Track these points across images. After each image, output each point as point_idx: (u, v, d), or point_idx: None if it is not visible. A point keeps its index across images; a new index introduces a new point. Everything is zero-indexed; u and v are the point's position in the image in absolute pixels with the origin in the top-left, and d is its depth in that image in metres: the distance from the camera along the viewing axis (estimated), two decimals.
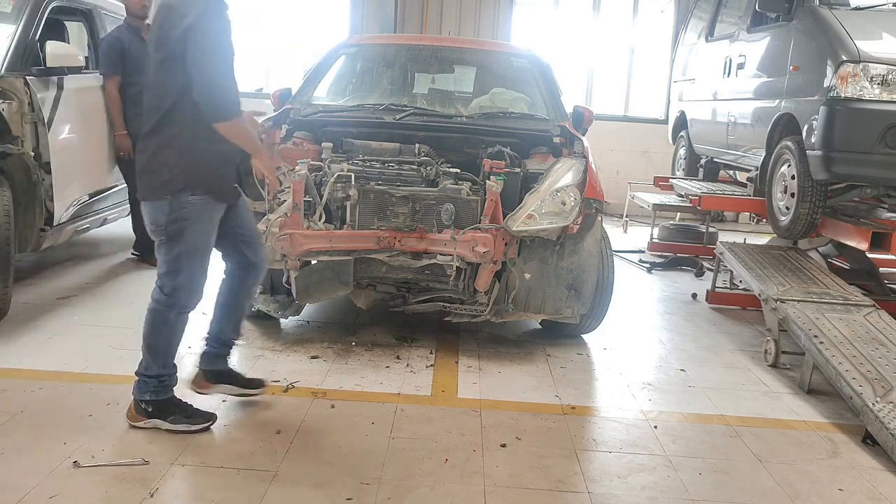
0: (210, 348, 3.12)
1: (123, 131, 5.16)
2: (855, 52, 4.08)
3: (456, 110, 4.53)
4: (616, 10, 9.61)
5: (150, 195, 2.67)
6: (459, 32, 9.11)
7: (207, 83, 2.53)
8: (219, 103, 2.56)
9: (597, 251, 3.89)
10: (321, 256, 3.67)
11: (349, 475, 2.60)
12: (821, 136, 4.19)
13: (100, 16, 5.43)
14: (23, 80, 4.14)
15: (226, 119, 2.58)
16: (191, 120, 2.58)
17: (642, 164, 9.34)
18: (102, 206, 5.21)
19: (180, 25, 2.48)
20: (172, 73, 2.54)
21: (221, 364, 3.14)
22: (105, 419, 2.90)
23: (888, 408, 3.08)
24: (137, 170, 2.72)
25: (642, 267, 6.51)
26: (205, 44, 2.51)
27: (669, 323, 4.86)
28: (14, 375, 3.27)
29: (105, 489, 2.41)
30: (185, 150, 2.62)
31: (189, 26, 2.48)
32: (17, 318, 4.01)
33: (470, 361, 3.83)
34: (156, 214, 2.67)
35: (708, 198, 5.73)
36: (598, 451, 2.95)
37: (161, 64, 2.57)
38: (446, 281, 3.72)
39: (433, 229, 3.67)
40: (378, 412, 3.13)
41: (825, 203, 4.53)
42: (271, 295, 3.96)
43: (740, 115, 5.58)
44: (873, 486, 2.78)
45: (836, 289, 4.31)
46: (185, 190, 2.63)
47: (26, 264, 5.13)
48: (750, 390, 3.69)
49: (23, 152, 4.07)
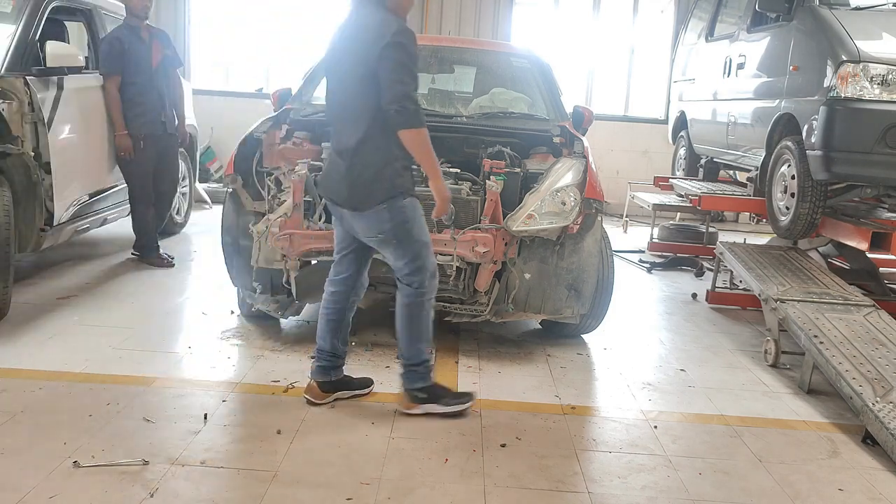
0: (325, 363, 3.17)
1: (124, 131, 5.17)
2: (855, 52, 4.08)
3: (456, 110, 4.53)
4: (616, 10, 9.61)
5: (366, 206, 2.85)
6: (459, 32, 9.11)
7: (399, 93, 2.73)
8: (408, 112, 2.75)
9: (597, 251, 3.89)
10: (321, 256, 3.67)
11: (349, 475, 2.60)
12: (821, 136, 4.19)
13: (100, 16, 5.43)
14: (23, 80, 4.14)
15: (413, 127, 2.78)
16: (388, 131, 2.79)
17: (642, 164, 9.34)
18: (102, 206, 5.22)
19: (379, 44, 2.71)
20: (372, 90, 2.75)
21: (337, 374, 3.21)
22: (105, 419, 2.90)
23: (888, 408, 3.08)
24: (348, 184, 2.86)
25: (642, 267, 6.51)
26: (399, 60, 2.73)
27: (669, 323, 4.86)
28: (14, 375, 3.28)
29: (105, 489, 2.41)
30: (391, 159, 2.83)
31: (387, 44, 2.71)
32: (17, 318, 4.01)
33: (470, 361, 3.83)
34: (378, 223, 2.87)
35: (708, 198, 5.73)
36: (598, 451, 2.95)
37: (361, 80, 2.78)
38: (446, 281, 3.72)
39: (433, 229, 3.67)
40: (378, 412, 3.13)
41: (825, 203, 4.53)
42: (271, 295, 3.96)
43: (740, 115, 5.58)
44: (873, 486, 2.78)
45: (836, 289, 4.31)
46: (397, 196, 2.85)
47: (26, 264, 5.13)
48: (750, 390, 3.69)
49: (23, 152, 4.07)
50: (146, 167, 5.33)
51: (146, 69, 5.22)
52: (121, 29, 5.21)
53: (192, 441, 2.77)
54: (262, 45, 9.59)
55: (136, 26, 5.23)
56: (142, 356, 3.61)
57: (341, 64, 2.89)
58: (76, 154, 4.79)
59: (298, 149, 4.00)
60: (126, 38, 5.13)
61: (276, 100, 4.74)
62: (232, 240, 3.97)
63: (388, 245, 2.93)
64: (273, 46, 9.56)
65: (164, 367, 3.50)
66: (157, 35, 5.42)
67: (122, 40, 5.12)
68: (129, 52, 5.12)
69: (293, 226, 3.59)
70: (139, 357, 3.60)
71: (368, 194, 2.85)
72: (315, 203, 3.72)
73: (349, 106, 2.86)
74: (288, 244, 3.56)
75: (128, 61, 5.13)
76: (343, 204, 2.92)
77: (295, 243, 3.56)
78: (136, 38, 5.20)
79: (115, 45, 5.09)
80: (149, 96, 5.25)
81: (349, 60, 2.83)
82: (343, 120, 2.90)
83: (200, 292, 4.80)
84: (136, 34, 5.20)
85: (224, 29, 9.72)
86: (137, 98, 5.20)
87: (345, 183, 2.88)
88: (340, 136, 2.92)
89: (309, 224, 3.64)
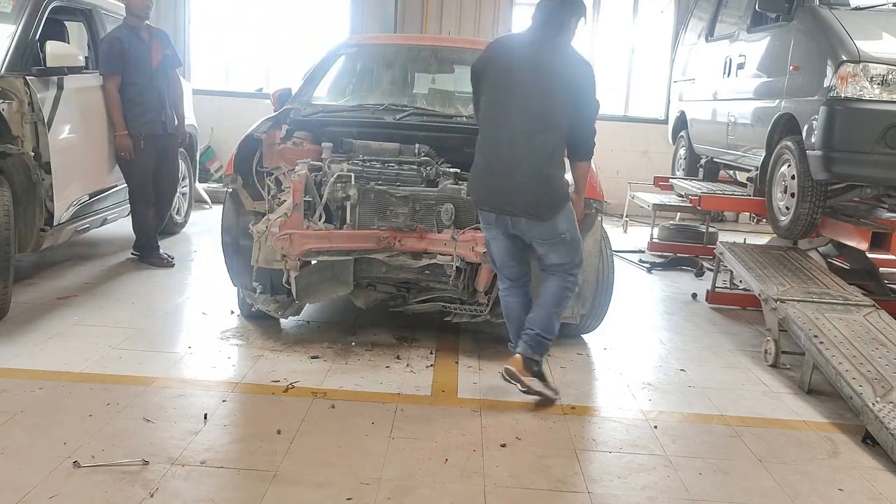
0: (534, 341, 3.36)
1: (124, 131, 5.17)
2: (855, 52, 4.08)
3: (456, 110, 4.53)
4: (616, 10, 9.61)
5: (553, 213, 3.21)
6: (459, 32, 9.11)
7: (592, 133, 3.30)
8: (591, 150, 3.34)
9: (597, 251, 3.88)
10: (321, 256, 3.67)
11: (349, 475, 2.60)
12: (821, 136, 4.19)
13: (100, 16, 5.43)
14: (23, 80, 4.14)
15: (589, 160, 3.38)
16: (564, 155, 3.27)
17: (642, 164, 9.33)
18: (102, 206, 5.22)
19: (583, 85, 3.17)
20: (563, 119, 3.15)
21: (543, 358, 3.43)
22: (105, 419, 2.90)
23: (888, 408, 3.08)
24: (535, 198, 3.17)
25: (642, 267, 6.51)
26: (593, 109, 3.26)
27: (669, 323, 4.86)
28: (14, 375, 3.28)
29: (105, 489, 2.41)
30: (563, 174, 3.27)
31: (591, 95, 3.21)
32: (17, 318, 4.01)
33: (470, 361, 3.83)
34: (559, 225, 3.24)
35: (708, 198, 5.73)
36: (598, 451, 2.95)
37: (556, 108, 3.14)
38: (446, 281, 3.72)
39: (433, 229, 3.67)
40: (378, 412, 3.13)
41: (825, 203, 4.53)
42: (271, 295, 3.96)
43: (740, 115, 5.57)
44: (873, 486, 2.78)
45: (836, 289, 4.31)
46: (567, 202, 3.27)
47: (26, 264, 5.13)
48: (750, 390, 3.69)
49: (23, 152, 4.07)
50: (146, 167, 5.33)
51: (146, 69, 5.22)
52: (121, 29, 5.21)
53: (192, 441, 2.77)
54: (262, 45, 9.59)
55: (136, 26, 5.23)
56: (142, 356, 3.61)
57: (528, 82, 3.13)
58: (76, 154, 4.79)
59: (298, 149, 4.00)
60: (126, 38, 5.13)
61: (276, 100, 4.75)
62: (232, 240, 3.97)
63: (562, 244, 3.30)
64: (273, 46, 9.56)
65: (164, 367, 3.50)
66: (157, 35, 5.42)
67: (122, 40, 5.12)
68: (129, 52, 5.12)
69: (293, 226, 3.59)
70: (139, 357, 3.60)
71: (554, 204, 3.21)
72: (315, 203, 3.72)
73: (537, 125, 3.14)
74: (288, 244, 3.56)
75: (128, 61, 5.13)
76: (525, 214, 3.20)
77: (295, 243, 3.56)
78: (136, 38, 5.20)
79: (115, 45, 5.09)
80: (149, 96, 5.25)
81: (542, 84, 3.12)
82: (526, 134, 3.14)
83: (200, 292, 4.80)
84: (136, 34, 5.20)
85: (224, 29, 9.71)
86: (137, 98, 5.20)
87: (531, 197, 3.18)
88: (522, 160, 3.15)
89: (309, 224, 3.65)
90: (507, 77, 3.19)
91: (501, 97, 3.19)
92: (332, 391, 3.33)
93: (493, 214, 3.27)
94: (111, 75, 5.10)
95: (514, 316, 3.48)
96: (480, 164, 3.30)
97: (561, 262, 3.34)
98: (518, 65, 3.17)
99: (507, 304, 3.50)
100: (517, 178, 3.16)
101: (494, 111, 3.22)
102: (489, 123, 3.27)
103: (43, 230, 4.34)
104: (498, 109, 3.21)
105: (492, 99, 3.23)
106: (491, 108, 3.24)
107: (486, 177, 3.26)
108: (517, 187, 3.16)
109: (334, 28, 9.43)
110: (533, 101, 3.13)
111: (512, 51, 3.25)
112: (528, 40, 3.23)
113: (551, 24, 3.17)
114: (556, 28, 3.16)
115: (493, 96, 3.23)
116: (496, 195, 3.23)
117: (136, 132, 5.21)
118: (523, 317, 3.42)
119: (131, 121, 5.19)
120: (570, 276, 3.38)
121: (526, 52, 3.19)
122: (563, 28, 3.17)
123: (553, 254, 3.33)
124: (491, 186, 3.24)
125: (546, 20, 3.18)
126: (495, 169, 3.21)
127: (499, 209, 3.24)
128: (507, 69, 3.20)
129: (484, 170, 3.26)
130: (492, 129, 3.24)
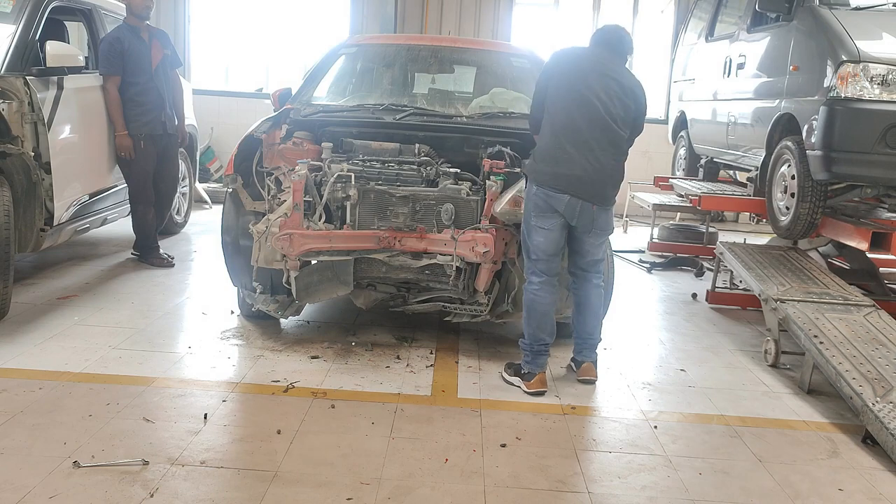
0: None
1: (124, 131, 5.17)
2: (855, 52, 4.08)
3: (456, 110, 4.53)
4: (616, 10, 9.60)
5: (614, 202, 3.55)
6: (459, 32, 9.11)
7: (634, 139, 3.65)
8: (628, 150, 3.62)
9: None
10: (321, 256, 3.67)
11: (349, 475, 2.60)
12: (821, 136, 4.19)
13: (100, 16, 5.43)
14: (23, 80, 4.14)
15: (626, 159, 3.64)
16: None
17: (642, 164, 9.32)
18: (102, 206, 5.22)
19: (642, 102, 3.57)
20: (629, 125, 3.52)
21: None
22: (105, 419, 2.90)
23: (888, 408, 3.08)
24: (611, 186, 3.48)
25: (642, 267, 6.51)
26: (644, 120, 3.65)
27: (669, 323, 4.86)
28: (14, 375, 3.28)
29: (105, 489, 2.41)
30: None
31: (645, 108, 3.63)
32: (17, 318, 4.01)
33: (470, 361, 3.83)
34: (612, 217, 3.58)
35: (708, 198, 5.73)
36: (598, 451, 2.95)
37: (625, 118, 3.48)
38: (446, 281, 3.72)
39: (433, 229, 3.67)
40: (378, 412, 3.13)
41: (825, 203, 4.52)
42: (271, 295, 3.96)
43: (740, 115, 5.57)
44: (873, 486, 2.78)
45: (836, 289, 4.31)
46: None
47: (26, 264, 5.13)
48: (750, 390, 3.69)
49: (23, 152, 4.07)
50: (146, 167, 5.33)
51: (146, 69, 5.22)
52: (121, 29, 5.21)
53: (191, 441, 2.77)
54: (262, 45, 9.59)
55: (136, 26, 5.24)
56: (142, 356, 3.61)
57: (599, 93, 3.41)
58: (76, 154, 4.79)
59: (298, 149, 4.00)
60: (126, 38, 5.13)
61: (276, 100, 4.74)
62: (232, 240, 3.97)
63: (607, 237, 3.66)
64: (273, 46, 9.56)
65: (164, 367, 3.50)
66: (157, 35, 5.42)
67: (122, 40, 5.12)
68: (129, 52, 5.12)
69: (293, 226, 3.59)
70: (139, 357, 3.60)
71: (616, 194, 3.53)
72: (315, 203, 3.72)
73: (611, 130, 3.42)
74: (288, 244, 3.56)
75: (128, 61, 5.13)
76: (599, 200, 3.44)
77: (295, 243, 3.56)
78: (136, 38, 5.20)
79: (115, 45, 5.09)
80: (149, 96, 5.25)
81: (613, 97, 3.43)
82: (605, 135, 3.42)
83: (200, 292, 4.80)
84: (136, 34, 5.20)
85: (224, 29, 9.72)
86: (137, 98, 5.20)
87: (609, 185, 3.47)
88: (594, 149, 3.40)
89: (309, 224, 3.65)
90: (583, 78, 3.43)
91: (577, 94, 3.41)
92: (332, 391, 3.33)
93: (566, 199, 3.37)
94: (111, 75, 5.10)
95: (543, 312, 3.50)
96: (557, 152, 3.41)
97: (600, 259, 3.61)
98: (594, 71, 3.44)
99: (537, 300, 3.48)
100: (598, 166, 3.39)
101: (571, 105, 3.41)
102: (563, 114, 3.42)
103: (43, 230, 4.34)
104: (576, 104, 3.40)
105: (566, 95, 3.43)
106: (565, 102, 3.43)
107: (567, 163, 3.39)
108: (597, 174, 3.40)
109: (334, 28, 9.43)
110: (612, 103, 3.42)
111: (582, 60, 3.52)
112: (598, 55, 3.52)
113: (615, 49, 3.52)
114: (620, 54, 3.55)
115: (568, 93, 3.43)
116: (578, 181, 3.38)
117: (136, 132, 5.21)
118: (551, 314, 3.51)
119: (131, 121, 5.19)
120: (600, 274, 3.65)
121: (599, 64, 3.47)
122: (623, 56, 3.59)
123: (599, 248, 3.58)
124: (572, 171, 3.38)
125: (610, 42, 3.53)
126: (577, 156, 3.38)
127: (577, 193, 3.38)
128: (582, 72, 3.45)
129: (562, 157, 3.39)
130: (566, 119, 3.41)
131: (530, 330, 3.50)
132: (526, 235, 3.49)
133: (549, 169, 3.41)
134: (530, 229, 3.45)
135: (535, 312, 3.49)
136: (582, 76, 3.45)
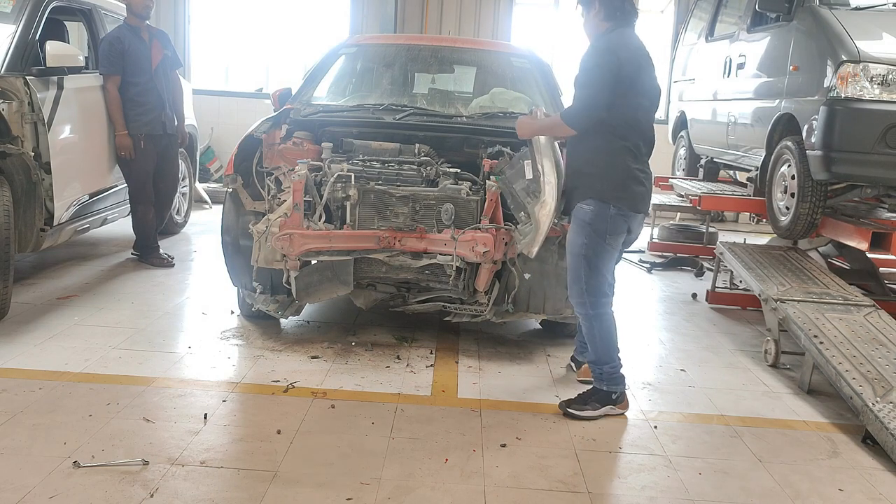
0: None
1: (124, 131, 5.17)
2: (855, 52, 4.08)
3: (456, 110, 4.53)
4: None
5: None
6: (459, 32, 9.11)
7: None
8: None
9: None
10: (321, 256, 3.67)
11: (349, 475, 2.60)
12: (821, 136, 4.19)
13: (100, 16, 5.43)
14: (23, 80, 4.14)
15: None
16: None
17: None
18: (102, 206, 5.22)
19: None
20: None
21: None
22: (105, 419, 2.90)
23: (888, 408, 3.08)
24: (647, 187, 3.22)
25: (642, 267, 6.51)
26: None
27: (669, 323, 4.86)
28: (14, 375, 3.28)
29: (105, 489, 2.41)
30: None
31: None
32: (17, 318, 4.01)
33: (470, 361, 3.83)
34: None
35: (708, 198, 5.73)
36: (598, 451, 2.95)
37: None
38: (446, 281, 3.72)
39: (433, 229, 3.67)
40: (378, 412, 3.13)
41: (825, 203, 4.53)
42: (271, 295, 3.96)
43: (740, 115, 5.57)
44: (873, 486, 2.78)
45: (836, 289, 4.31)
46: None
47: (26, 264, 5.13)
48: (750, 390, 3.69)
49: (23, 152, 4.07)
50: (146, 167, 5.33)
51: (146, 69, 5.23)
52: (121, 29, 5.21)
53: (191, 441, 2.77)
54: (262, 45, 9.60)
55: (137, 26, 5.24)
56: (142, 356, 3.61)
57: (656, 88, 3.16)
58: (76, 154, 4.79)
59: (298, 149, 4.00)
60: (126, 38, 5.14)
61: (276, 100, 4.74)
62: (232, 240, 3.97)
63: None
64: (273, 46, 9.57)
65: (164, 367, 3.50)
66: (158, 35, 5.42)
67: (123, 40, 5.12)
68: (129, 52, 5.12)
69: (293, 226, 3.59)
70: (139, 357, 3.60)
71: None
72: (315, 203, 3.72)
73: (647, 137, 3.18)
74: (288, 244, 3.56)
75: (128, 61, 5.13)
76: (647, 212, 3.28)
77: (295, 243, 3.56)
78: (137, 38, 5.20)
79: (116, 45, 5.09)
80: (149, 96, 5.25)
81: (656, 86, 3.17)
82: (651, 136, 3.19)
83: (200, 292, 4.80)
84: (136, 34, 5.21)
85: (224, 29, 9.72)
86: (137, 98, 5.21)
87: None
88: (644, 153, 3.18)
89: (309, 224, 3.65)
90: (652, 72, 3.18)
91: (656, 93, 3.18)
92: (332, 391, 3.33)
93: (641, 217, 3.23)
94: (111, 75, 5.10)
95: (615, 328, 3.29)
96: (641, 167, 3.16)
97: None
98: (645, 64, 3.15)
99: (610, 317, 3.26)
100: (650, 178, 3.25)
101: (651, 108, 3.18)
102: (644, 120, 3.16)
103: (43, 230, 4.34)
104: (652, 106, 3.19)
105: (649, 93, 3.14)
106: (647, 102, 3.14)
107: (648, 180, 3.19)
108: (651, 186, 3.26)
109: (334, 28, 9.44)
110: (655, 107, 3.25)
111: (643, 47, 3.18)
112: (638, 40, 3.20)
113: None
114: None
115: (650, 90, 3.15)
116: (650, 197, 3.28)
117: (136, 132, 5.21)
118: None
119: (131, 121, 5.20)
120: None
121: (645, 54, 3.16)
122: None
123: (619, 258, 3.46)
124: (649, 189, 3.23)
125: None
126: (650, 170, 3.22)
127: (647, 210, 3.26)
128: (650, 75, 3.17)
129: (644, 176, 3.16)
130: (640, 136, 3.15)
131: (613, 353, 3.25)
132: (592, 257, 3.14)
133: (637, 189, 3.13)
134: (601, 251, 3.14)
135: (614, 331, 3.26)
136: (652, 69, 3.15)
